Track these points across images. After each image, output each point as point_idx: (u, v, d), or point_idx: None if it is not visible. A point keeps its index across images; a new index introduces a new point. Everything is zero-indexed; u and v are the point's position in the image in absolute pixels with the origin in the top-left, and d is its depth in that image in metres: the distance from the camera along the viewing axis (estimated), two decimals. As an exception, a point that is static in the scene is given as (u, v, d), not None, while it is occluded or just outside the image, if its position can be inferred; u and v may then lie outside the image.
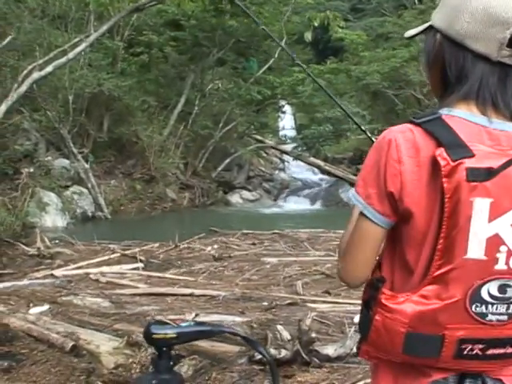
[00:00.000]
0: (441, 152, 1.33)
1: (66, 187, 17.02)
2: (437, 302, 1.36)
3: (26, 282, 7.90)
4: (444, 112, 1.44)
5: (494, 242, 1.34)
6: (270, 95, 23.48)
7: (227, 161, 22.93)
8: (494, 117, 1.43)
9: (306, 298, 6.73)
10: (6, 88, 13.97)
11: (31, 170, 16.01)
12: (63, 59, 13.05)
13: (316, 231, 12.25)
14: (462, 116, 1.42)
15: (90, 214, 17.11)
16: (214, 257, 9.63)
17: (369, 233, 1.45)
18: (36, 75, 12.66)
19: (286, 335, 4.53)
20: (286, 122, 28.92)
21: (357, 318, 4.57)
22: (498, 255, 1.35)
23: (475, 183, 1.31)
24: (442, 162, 1.32)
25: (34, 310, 6.02)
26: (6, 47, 14.61)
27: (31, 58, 15.00)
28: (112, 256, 9.67)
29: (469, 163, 1.32)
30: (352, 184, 22.48)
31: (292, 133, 27.67)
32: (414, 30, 1.64)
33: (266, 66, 23.68)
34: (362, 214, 1.45)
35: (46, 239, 10.74)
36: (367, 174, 1.45)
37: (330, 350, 4.23)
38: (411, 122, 1.42)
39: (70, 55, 13.05)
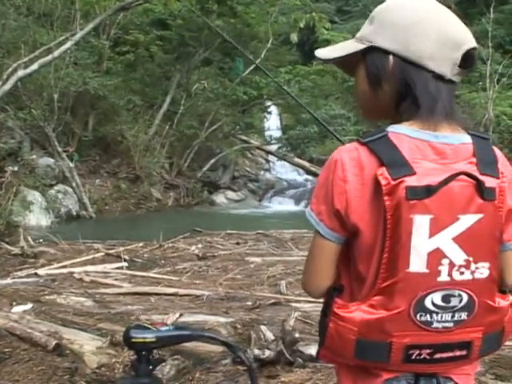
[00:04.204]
0: (382, 171, 1.39)
1: (51, 186, 16.96)
2: (383, 312, 1.43)
3: (9, 280, 7.85)
4: (390, 130, 1.48)
5: (436, 256, 1.40)
6: (255, 96, 23.49)
7: (212, 161, 22.92)
8: (443, 131, 1.49)
9: (289, 298, 6.75)
10: (-9, 86, 13.90)
11: (15, 168, 15.94)
12: (48, 57, 12.99)
13: (300, 231, 12.25)
14: (407, 133, 1.46)
15: (74, 213, 17.06)
16: (198, 256, 9.63)
17: (323, 247, 1.51)
18: (21, 73, 12.60)
19: (270, 335, 4.54)
20: (272, 123, 28.91)
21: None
22: (440, 268, 1.41)
23: (414, 201, 1.37)
24: (383, 181, 1.38)
25: (17, 309, 5.98)
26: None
27: (16, 55, 14.93)
28: (96, 255, 9.64)
29: (409, 182, 1.37)
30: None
31: (278, 133, 27.67)
32: (336, 50, 1.65)
33: (252, 67, 23.67)
34: (315, 229, 1.51)
35: (30, 238, 10.67)
36: (319, 192, 1.50)
37: (313, 350, 4.23)
38: (358, 141, 1.47)
39: (56, 53, 13.00)
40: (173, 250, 10.36)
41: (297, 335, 4.26)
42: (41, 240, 11.33)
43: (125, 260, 9.13)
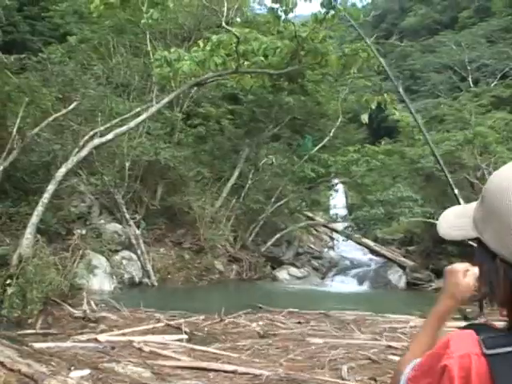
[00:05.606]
0: None
1: (116, 251, 17.18)
2: None
3: (69, 343, 7.91)
4: None
5: None
6: (323, 173, 23.55)
7: (277, 236, 22.83)
8: None
9: (351, 384, 6.54)
10: (67, 151, 14.35)
11: (83, 231, 16.23)
12: (124, 127, 13.35)
13: (363, 313, 12.02)
14: None
15: (137, 280, 17.17)
16: (259, 334, 9.50)
17: None
18: (97, 141, 12.95)
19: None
20: (338, 201, 28.88)
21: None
22: None
23: None
24: None
25: (75, 374, 5.98)
26: (71, 112, 15.08)
27: (93, 123, 15.43)
28: (157, 325, 9.64)
29: None
30: (401, 266, 22.17)
31: (343, 211, 27.57)
32: (455, 230, 1.38)
33: (321, 145, 23.84)
34: None
35: (93, 302, 10.76)
36: (421, 377, 1.30)
37: None
38: (479, 343, 1.22)
39: (131, 124, 13.36)
40: (234, 326, 10.26)
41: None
42: (103, 305, 11.41)
43: (185, 332, 9.08)
